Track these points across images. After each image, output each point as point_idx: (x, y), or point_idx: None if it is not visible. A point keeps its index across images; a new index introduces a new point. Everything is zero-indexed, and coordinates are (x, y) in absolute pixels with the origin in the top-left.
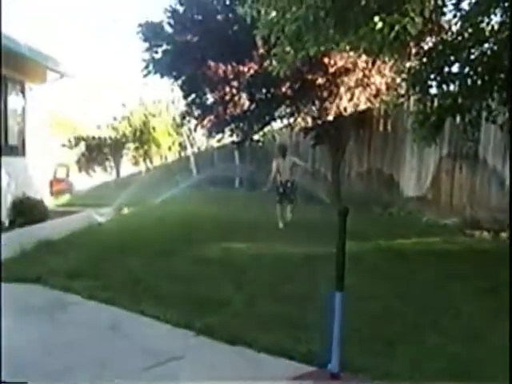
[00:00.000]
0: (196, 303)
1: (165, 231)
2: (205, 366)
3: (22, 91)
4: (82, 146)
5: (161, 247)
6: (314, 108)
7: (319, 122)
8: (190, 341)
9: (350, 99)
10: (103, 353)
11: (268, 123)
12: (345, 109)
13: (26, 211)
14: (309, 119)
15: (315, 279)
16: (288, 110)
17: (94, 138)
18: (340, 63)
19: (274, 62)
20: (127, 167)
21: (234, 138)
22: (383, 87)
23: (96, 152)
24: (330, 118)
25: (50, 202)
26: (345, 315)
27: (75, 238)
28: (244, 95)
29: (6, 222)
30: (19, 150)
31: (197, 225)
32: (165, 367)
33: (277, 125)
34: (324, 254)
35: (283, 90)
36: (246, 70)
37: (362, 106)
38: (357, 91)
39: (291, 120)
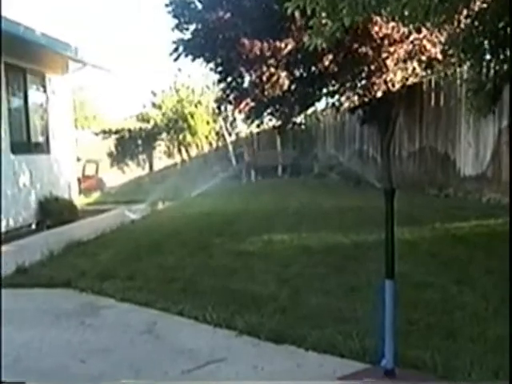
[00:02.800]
0: (237, 301)
1: (203, 226)
2: (248, 368)
3: (43, 84)
4: (113, 139)
5: (198, 243)
6: (359, 84)
7: (366, 99)
8: (231, 341)
9: (399, 72)
10: (139, 357)
11: (311, 104)
12: (393, 83)
13: (54, 212)
14: (355, 97)
15: (366, 269)
16: (331, 88)
17: (124, 129)
18: (387, 32)
19: (311, 36)
20: (161, 160)
21: (275, 123)
22: (436, 56)
23: (128, 145)
24: (378, 94)
25: (80, 201)
26: (397, 305)
27: (107, 237)
28: (283, 74)
29: (33, 224)
30: (43, 147)
31: (236, 217)
32: (205, 370)
33: (320, 105)
34: (375, 241)
35: (325, 65)
36: (283, 46)
37: (412, 80)
38: (407, 64)
39: (335, 99)
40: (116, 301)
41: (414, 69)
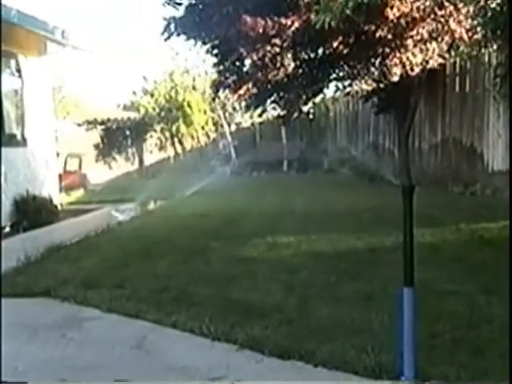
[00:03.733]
0: (237, 311)
1: (198, 228)
2: None
3: (18, 68)
4: (98, 131)
5: (194, 247)
6: (374, 68)
7: (381, 84)
8: (232, 356)
9: (419, 54)
10: (127, 376)
11: (319, 90)
12: (412, 67)
13: (31, 212)
14: (368, 82)
15: (382, 276)
16: (342, 73)
17: (110, 120)
18: (405, 11)
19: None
20: (152, 154)
21: (279, 112)
22: (461, 36)
23: (115, 137)
24: (395, 79)
25: (60, 200)
26: (417, 316)
27: (91, 241)
28: (288, 56)
29: (7, 226)
30: (19, 140)
31: (237, 218)
32: None
33: (330, 92)
34: (392, 244)
35: (335, 46)
36: (289, 23)
37: (434, 63)
38: (428, 45)
39: (346, 84)
40: (102, 312)
41: (434, 50)
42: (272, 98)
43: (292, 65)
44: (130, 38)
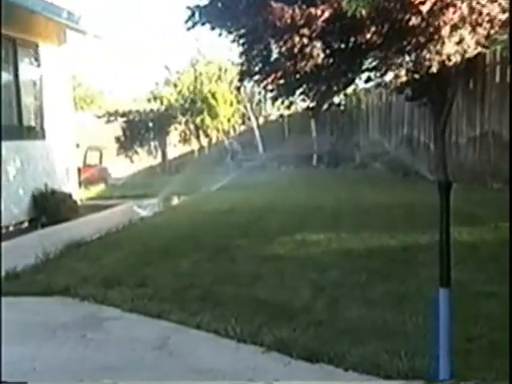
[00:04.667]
0: (264, 312)
1: (224, 224)
2: None
3: (36, 57)
4: (119, 123)
5: (218, 244)
6: (408, 58)
7: (416, 75)
8: (258, 359)
9: (456, 43)
10: (149, 378)
11: (351, 81)
12: (448, 57)
13: (50, 207)
14: (402, 73)
15: (416, 276)
16: (375, 63)
17: (132, 112)
18: None
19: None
20: (176, 148)
21: (308, 103)
22: (498, 18)
23: (137, 130)
24: (430, 69)
25: (80, 195)
26: (453, 318)
27: (112, 237)
28: (318, 45)
29: (26, 222)
30: (37, 132)
31: (264, 214)
32: None
33: (362, 83)
34: (427, 243)
35: (367, 36)
36: (318, 13)
37: (472, 52)
38: (465, 33)
39: (379, 75)
40: (123, 311)
41: (472, 38)
42: (301, 89)
43: (322, 55)
44: (152, 27)
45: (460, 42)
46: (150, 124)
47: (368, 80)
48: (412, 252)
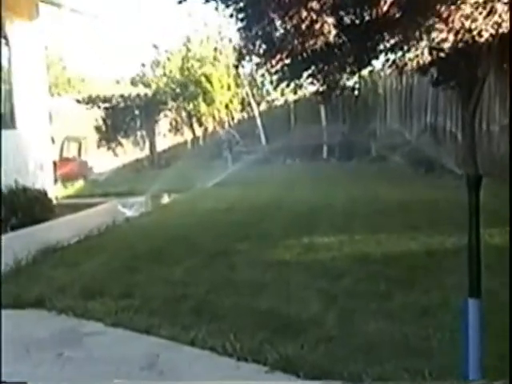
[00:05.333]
0: (268, 326)
1: (221, 226)
2: None
3: (4, 35)
4: (101, 109)
5: (216, 248)
6: (432, 35)
7: (441, 53)
8: (261, 379)
9: (487, 16)
10: None
11: (366, 62)
12: (479, 32)
13: (22, 207)
14: (425, 51)
15: (441, 284)
16: (393, 40)
17: (115, 96)
18: None
19: None
20: (166, 138)
21: (318, 87)
22: None
23: (121, 117)
24: (458, 47)
25: (57, 193)
26: (484, 333)
27: (93, 241)
28: (329, 20)
29: None
30: (7, 120)
31: (267, 214)
32: None
33: (379, 63)
34: (454, 247)
35: (384, 8)
36: None
37: (507, 27)
38: (498, 4)
39: (399, 54)
40: (106, 326)
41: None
42: (309, 71)
43: (333, 32)
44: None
45: (492, 14)
46: (136, 111)
47: (387, 60)
48: (436, 257)
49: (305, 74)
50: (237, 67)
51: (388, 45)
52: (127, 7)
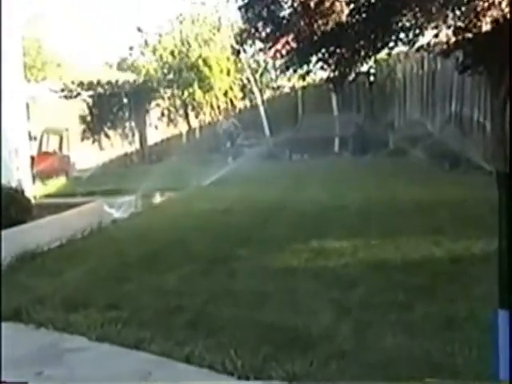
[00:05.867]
0: (272, 340)
1: (220, 229)
2: None
3: None
4: (85, 98)
5: (214, 254)
6: (458, 13)
7: (468, 34)
8: None
9: None
10: None
11: (383, 44)
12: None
13: None
14: (449, 32)
15: (468, 294)
16: (414, 21)
17: (101, 83)
18: None
19: None
20: (158, 130)
21: (329, 72)
22: None
23: (108, 107)
24: (487, 26)
25: (35, 191)
26: None
27: (76, 245)
28: None
29: None
30: None
31: (271, 216)
32: None
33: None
34: (482, 252)
35: None
36: None
37: None
38: None
39: (419, 36)
40: (90, 340)
41: None
42: (319, 55)
43: (346, 10)
44: None
45: None
46: (125, 99)
47: (406, 43)
48: (462, 264)
49: (314, 59)
50: (238, 53)
51: (407, 24)
52: None
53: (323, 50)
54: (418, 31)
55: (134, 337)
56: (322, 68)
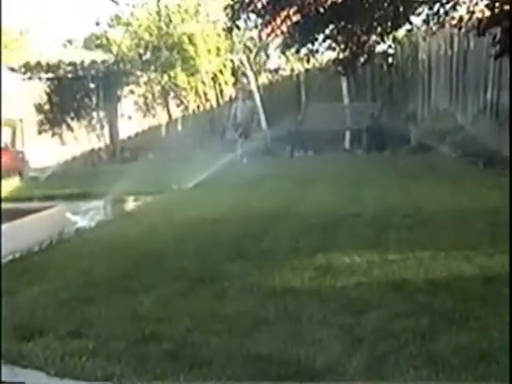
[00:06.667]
0: (269, 375)
1: (209, 241)
2: None
3: None
4: (43, 82)
5: (200, 271)
6: None
7: (507, 6)
8: None
9: None
10: None
11: (403, 20)
12: None
13: None
14: (482, 5)
15: (504, 320)
16: None
17: (63, 64)
18: None
19: None
20: (132, 121)
21: (338, 53)
22: None
23: (71, 93)
24: None
25: None
26: None
27: (33, 260)
28: None
29: None
30: None
31: (270, 226)
32: None
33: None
34: None
35: None
36: None
37: None
38: None
39: (448, 8)
40: (49, 376)
41: None
42: (327, 32)
43: None
44: None
45: None
46: (92, 84)
47: (433, 16)
48: (497, 283)
49: (321, 36)
50: (230, 30)
51: None
52: None
53: (331, 26)
54: (445, 1)
55: (101, 371)
56: (329, 47)
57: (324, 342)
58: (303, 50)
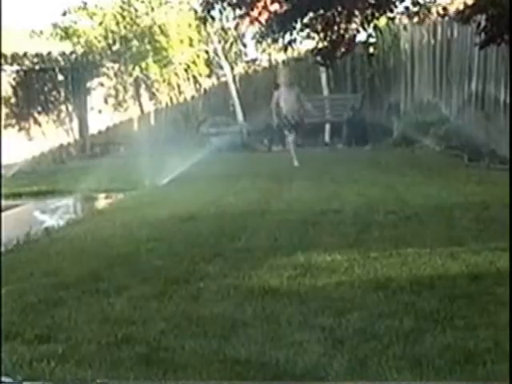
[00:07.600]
0: (247, 379)
1: (183, 240)
2: None
3: None
4: (7, 74)
5: (174, 271)
6: None
7: None
8: None
9: None
10: None
11: (386, 7)
12: None
13: None
14: None
15: (491, 320)
16: None
17: (29, 56)
18: None
19: None
20: (102, 115)
21: (317, 42)
22: None
23: (38, 86)
24: None
25: None
26: None
27: None
28: None
29: None
30: None
31: (247, 223)
32: None
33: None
34: (508, 268)
35: None
36: None
37: None
38: None
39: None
40: (16, 382)
41: None
42: (305, 20)
43: None
44: None
45: None
46: (60, 76)
47: (416, 3)
48: (485, 282)
49: (298, 25)
50: (204, 21)
51: None
52: None
53: (310, 14)
54: None
55: (71, 376)
56: (308, 36)
57: (304, 344)
58: (280, 40)
